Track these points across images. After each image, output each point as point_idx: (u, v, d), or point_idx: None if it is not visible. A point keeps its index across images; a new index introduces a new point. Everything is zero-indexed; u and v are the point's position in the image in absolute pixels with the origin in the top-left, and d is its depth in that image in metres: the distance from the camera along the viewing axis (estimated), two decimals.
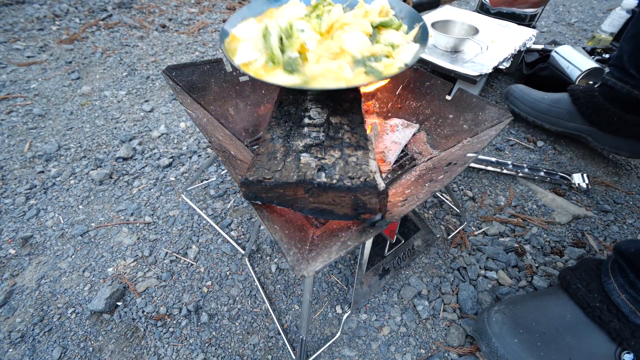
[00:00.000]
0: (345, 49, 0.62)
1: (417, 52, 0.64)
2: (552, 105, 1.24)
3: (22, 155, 1.19)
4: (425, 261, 0.90)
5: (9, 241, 0.93)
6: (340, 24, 0.66)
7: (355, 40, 0.62)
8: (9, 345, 0.73)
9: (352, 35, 0.63)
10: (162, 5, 2.42)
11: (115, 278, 0.85)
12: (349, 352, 0.73)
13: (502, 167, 1.14)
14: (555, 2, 2.85)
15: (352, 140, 0.58)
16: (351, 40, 0.62)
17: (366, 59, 0.62)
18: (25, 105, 1.42)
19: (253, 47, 0.63)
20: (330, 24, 0.65)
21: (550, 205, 1.05)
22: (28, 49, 1.80)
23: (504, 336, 0.66)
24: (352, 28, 0.65)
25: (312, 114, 0.63)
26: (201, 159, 1.20)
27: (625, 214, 1.04)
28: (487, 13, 1.66)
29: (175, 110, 1.44)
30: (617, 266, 0.68)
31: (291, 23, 0.63)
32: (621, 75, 1.06)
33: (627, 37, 1.09)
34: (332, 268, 0.88)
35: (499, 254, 0.90)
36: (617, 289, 0.65)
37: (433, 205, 1.05)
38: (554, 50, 1.45)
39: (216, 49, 1.91)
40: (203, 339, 0.75)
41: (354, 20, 0.66)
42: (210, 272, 0.87)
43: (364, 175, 0.49)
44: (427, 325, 0.77)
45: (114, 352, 0.72)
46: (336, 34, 0.65)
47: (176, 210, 1.02)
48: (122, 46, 1.89)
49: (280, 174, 0.51)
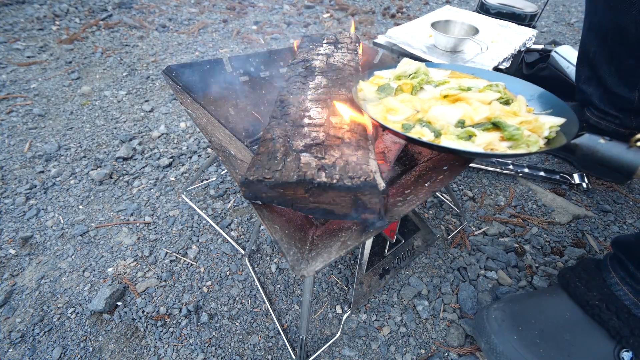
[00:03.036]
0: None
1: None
2: None
3: (22, 155, 1.19)
4: (425, 261, 0.90)
5: (9, 241, 0.93)
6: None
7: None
8: (9, 345, 0.73)
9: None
10: (162, 5, 2.42)
11: (115, 278, 0.85)
12: (349, 352, 0.73)
13: (502, 167, 1.14)
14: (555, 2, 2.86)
15: (352, 140, 0.58)
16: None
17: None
18: (25, 105, 1.42)
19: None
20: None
21: (550, 205, 1.05)
22: (28, 49, 1.80)
23: (503, 333, 0.66)
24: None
25: (312, 113, 0.63)
26: (201, 159, 1.20)
27: (625, 214, 1.04)
28: (487, 13, 1.66)
29: (175, 110, 1.44)
30: (617, 260, 0.69)
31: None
32: (603, 116, 1.07)
33: (582, 79, 1.10)
34: (332, 268, 0.88)
35: (499, 254, 0.90)
36: (619, 282, 0.66)
37: (433, 205, 1.05)
38: (554, 50, 1.45)
39: (216, 49, 1.91)
40: (203, 339, 0.74)
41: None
42: (210, 272, 0.87)
43: (364, 175, 0.49)
44: (427, 325, 0.77)
45: (114, 352, 0.72)
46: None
47: (176, 210, 1.02)
48: (122, 46, 1.89)
49: (281, 174, 0.51)
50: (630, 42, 0.91)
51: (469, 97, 0.65)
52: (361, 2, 2.66)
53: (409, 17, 2.45)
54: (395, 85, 0.71)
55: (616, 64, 0.99)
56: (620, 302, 0.64)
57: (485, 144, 0.56)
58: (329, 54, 0.87)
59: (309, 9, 2.48)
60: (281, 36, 2.08)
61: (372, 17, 2.39)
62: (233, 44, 1.97)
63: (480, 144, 0.56)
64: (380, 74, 0.78)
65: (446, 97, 0.67)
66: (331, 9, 2.50)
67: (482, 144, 0.56)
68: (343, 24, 2.27)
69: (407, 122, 0.62)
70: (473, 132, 0.57)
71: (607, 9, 0.93)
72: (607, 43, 0.99)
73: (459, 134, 0.58)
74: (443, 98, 0.67)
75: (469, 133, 0.57)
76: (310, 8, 2.49)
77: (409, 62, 0.76)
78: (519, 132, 0.55)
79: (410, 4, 2.72)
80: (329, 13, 2.42)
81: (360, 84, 0.74)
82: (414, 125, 0.61)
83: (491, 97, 0.65)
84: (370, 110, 0.66)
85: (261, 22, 2.24)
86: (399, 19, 2.40)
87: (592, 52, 1.05)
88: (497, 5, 1.65)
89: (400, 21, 2.36)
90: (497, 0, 1.69)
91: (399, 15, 2.45)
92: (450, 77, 0.76)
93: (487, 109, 0.61)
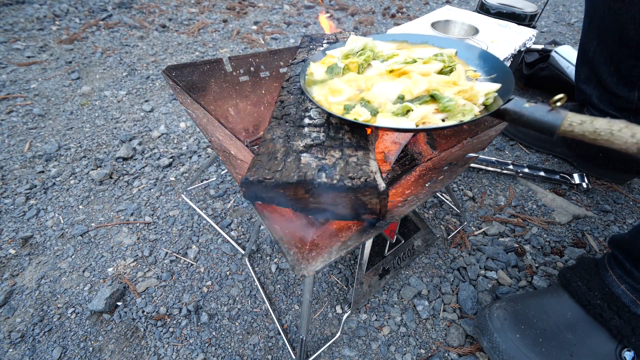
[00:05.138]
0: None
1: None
2: None
3: (22, 155, 1.19)
4: (425, 261, 0.90)
5: (9, 241, 0.93)
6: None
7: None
8: (9, 345, 0.73)
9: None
10: (162, 5, 2.42)
11: (115, 278, 0.85)
12: (349, 352, 0.73)
13: (502, 167, 1.14)
14: (555, 2, 2.86)
15: (353, 140, 0.58)
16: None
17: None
18: (25, 105, 1.42)
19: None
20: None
21: (550, 205, 1.05)
22: (28, 49, 1.80)
23: (505, 331, 0.66)
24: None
25: (312, 114, 0.63)
26: (201, 159, 1.20)
27: (625, 214, 1.04)
28: (487, 13, 1.66)
29: (175, 110, 1.44)
30: (614, 259, 0.69)
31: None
32: (602, 116, 1.07)
33: (582, 78, 1.11)
34: (332, 268, 0.88)
35: (499, 254, 0.90)
36: (617, 280, 0.66)
37: (433, 205, 1.05)
38: (554, 50, 1.45)
39: (216, 49, 1.91)
40: (203, 339, 0.74)
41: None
42: (210, 272, 0.87)
43: (365, 175, 0.49)
44: (427, 325, 0.77)
45: (114, 352, 0.72)
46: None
47: (176, 210, 1.02)
48: (122, 46, 1.89)
49: (281, 174, 0.51)
50: (630, 42, 0.91)
51: (412, 70, 0.63)
52: (361, 2, 2.66)
53: (409, 17, 2.45)
54: (342, 65, 0.68)
55: (616, 64, 0.99)
56: (620, 301, 0.64)
57: (419, 119, 0.55)
58: None
59: (309, 9, 2.48)
60: (281, 36, 2.08)
61: (372, 17, 2.39)
62: (233, 44, 1.97)
63: (414, 119, 0.55)
64: (332, 54, 0.75)
65: (392, 72, 0.65)
66: (331, 9, 2.50)
67: (415, 118, 0.55)
68: (343, 24, 2.27)
69: (349, 103, 0.61)
70: (410, 107, 0.56)
71: (606, 8, 0.93)
72: (606, 43, 0.99)
73: (394, 111, 0.57)
74: (389, 73, 0.65)
75: (406, 108, 0.56)
76: (310, 8, 2.50)
77: (355, 40, 0.74)
78: (451, 104, 0.55)
79: (410, 4, 2.72)
80: (328, 13, 2.42)
81: (310, 66, 0.72)
82: (355, 106, 0.60)
83: (433, 68, 0.63)
84: (314, 93, 0.65)
85: (261, 22, 2.24)
86: (399, 19, 2.40)
87: (592, 52, 1.05)
88: (497, 5, 1.65)
89: (400, 21, 2.36)
90: (497, 0, 1.69)
91: (399, 15, 2.45)
92: (400, 49, 0.73)
93: (426, 81, 0.59)
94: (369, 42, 0.71)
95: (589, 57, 1.07)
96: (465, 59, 0.71)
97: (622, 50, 0.95)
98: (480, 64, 0.69)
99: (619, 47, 0.96)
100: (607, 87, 1.03)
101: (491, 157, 1.17)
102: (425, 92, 0.58)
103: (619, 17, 0.90)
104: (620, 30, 0.91)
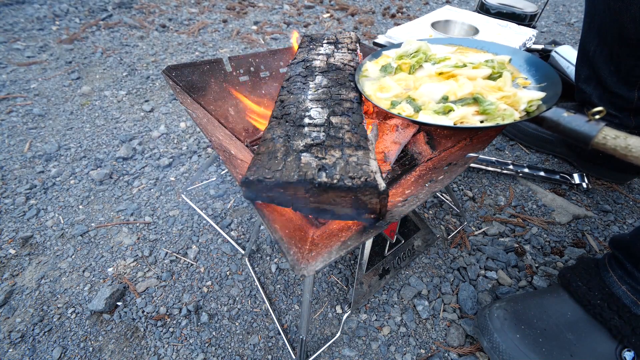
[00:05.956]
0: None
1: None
2: (540, 130, 1.24)
3: (22, 155, 1.19)
4: (425, 261, 0.90)
5: (9, 241, 0.92)
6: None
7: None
8: (9, 345, 0.73)
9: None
10: (162, 5, 2.42)
11: (115, 278, 0.85)
12: (349, 352, 0.73)
13: (502, 167, 1.14)
14: (555, 2, 2.86)
15: (353, 140, 0.58)
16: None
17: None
18: (25, 105, 1.42)
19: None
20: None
21: (550, 205, 1.05)
22: (28, 49, 1.80)
23: (505, 331, 0.66)
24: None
25: (312, 113, 0.63)
26: (201, 159, 1.20)
27: (625, 214, 1.04)
28: (487, 13, 1.66)
29: (175, 110, 1.44)
30: (614, 259, 0.69)
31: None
32: (610, 119, 1.07)
33: (582, 78, 1.11)
34: (332, 268, 0.88)
35: (499, 254, 0.90)
36: (617, 280, 0.66)
37: (433, 205, 1.05)
38: (554, 50, 1.45)
39: (216, 49, 1.91)
40: (203, 339, 0.74)
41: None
42: (210, 272, 0.87)
43: (365, 175, 0.49)
44: (427, 325, 0.77)
45: (114, 352, 0.72)
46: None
47: (176, 210, 1.02)
48: (122, 46, 1.89)
49: (281, 174, 0.51)
50: (630, 42, 0.91)
51: (460, 73, 0.67)
52: (361, 2, 2.66)
53: (409, 17, 2.45)
54: (395, 65, 0.74)
55: (616, 64, 0.99)
56: (621, 302, 0.64)
57: (457, 118, 0.58)
58: (329, 53, 0.87)
59: (309, 9, 2.48)
60: (281, 36, 2.08)
61: (372, 17, 2.39)
62: (233, 44, 1.97)
63: (453, 118, 0.58)
64: (387, 54, 0.82)
65: (441, 75, 0.69)
66: (331, 9, 2.50)
67: (454, 118, 0.58)
68: (343, 24, 2.28)
69: (396, 99, 0.66)
70: (452, 107, 0.60)
71: (606, 8, 0.93)
72: (606, 43, 0.99)
73: (436, 109, 0.60)
74: (438, 75, 0.69)
75: (447, 108, 0.60)
76: (310, 8, 2.50)
77: (410, 42, 0.79)
78: (491, 107, 0.58)
79: (410, 4, 2.72)
80: (329, 13, 2.42)
81: (366, 64, 0.79)
82: (401, 102, 0.64)
83: (481, 74, 0.66)
84: (365, 87, 0.71)
85: (261, 22, 2.24)
86: (399, 19, 2.40)
87: (592, 51, 1.05)
88: (497, 5, 1.65)
89: (400, 21, 2.36)
90: (497, 0, 1.69)
91: (399, 15, 2.45)
92: (454, 53, 0.78)
93: (471, 85, 0.63)
94: (423, 46, 0.78)
95: (589, 56, 1.07)
96: (518, 66, 0.74)
97: (622, 50, 0.95)
98: (532, 72, 0.72)
99: (619, 46, 0.96)
100: (607, 87, 1.03)
101: (491, 157, 1.17)
102: (469, 95, 0.62)
103: (619, 17, 0.90)
104: (620, 30, 0.91)
